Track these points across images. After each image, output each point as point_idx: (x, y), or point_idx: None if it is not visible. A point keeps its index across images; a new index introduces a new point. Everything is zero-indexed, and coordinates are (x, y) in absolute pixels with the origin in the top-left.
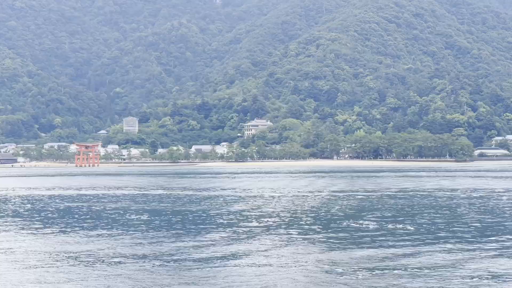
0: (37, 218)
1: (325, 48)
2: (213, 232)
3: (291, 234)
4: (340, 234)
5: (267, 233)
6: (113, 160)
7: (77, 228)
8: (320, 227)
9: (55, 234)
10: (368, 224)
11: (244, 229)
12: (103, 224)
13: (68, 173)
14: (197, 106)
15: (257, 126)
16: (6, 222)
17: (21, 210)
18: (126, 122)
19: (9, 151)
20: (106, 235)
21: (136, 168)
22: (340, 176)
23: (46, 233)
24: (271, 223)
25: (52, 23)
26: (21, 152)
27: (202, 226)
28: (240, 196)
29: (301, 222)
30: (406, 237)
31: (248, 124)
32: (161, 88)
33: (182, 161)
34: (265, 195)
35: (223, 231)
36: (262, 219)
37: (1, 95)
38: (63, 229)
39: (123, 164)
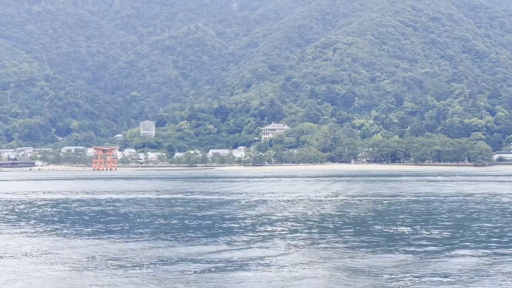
0: (65, 222)
1: (342, 52)
2: (231, 236)
3: (310, 238)
4: (359, 238)
5: (285, 237)
6: (130, 164)
7: (101, 232)
8: (339, 231)
9: (85, 238)
10: (395, 229)
11: (263, 233)
12: (119, 227)
13: (86, 177)
14: (214, 110)
15: (274, 130)
16: (34, 226)
17: (48, 214)
18: (143, 125)
19: (27, 155)
20: (121, 238)
21: (154, 172)
22: (361, 180)
23: (77, 237)
24: (292, 227)
25: (69, 27)
26: (38, 156)
27: (221, 230)
28: (259, 200)
29: (321, 226)
30: (427, 242)
31: (265, 128)
32: (178, 92)
33: (199, 165)
34: (286, 199)
35: (244, 235)
36: (282, 223)
37: (19, 99)
38: (91, 233)
39: (140, 168)
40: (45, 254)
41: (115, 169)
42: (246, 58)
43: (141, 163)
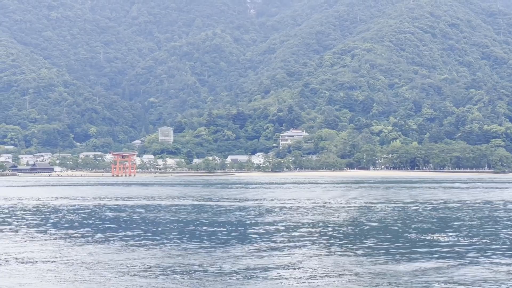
0: (93, 228)
1: (360, 58)
2: (249, 243)
3: (330, 244)
4: (377, 246)
5: (303, 244)
6: (149, 170)
7: (122, 237)
8: (355, 238)
9: (114, 243)
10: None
11: (281, 240)
12: (147, 233)
13: (107, 182)
14: (232, 116)
15: (292, 136)
16: (66, 233)
17: (76, 220)
18: (161, 131)
19: (45, 160)
20: (140, 245)
21: (173, 178)
22: (381, 187)
23: (108, 243)
24: (311, 234)
25: (87, 33)
26: (57, 161)
27: (242, 236)
28: (278, 207)
29: (342, 233)
30: (446, 249)
31: (284, 134)
32: (195, 98)
33: (218, 171)
34: (306, 205)
35: (261, 242)
36: (300, 230)
37: (37, 105)
38: (120, 238)
39: (159, 174)
40: (89, 261)
41: (134, 175)
42: (264, 64)
43: (159, 169)
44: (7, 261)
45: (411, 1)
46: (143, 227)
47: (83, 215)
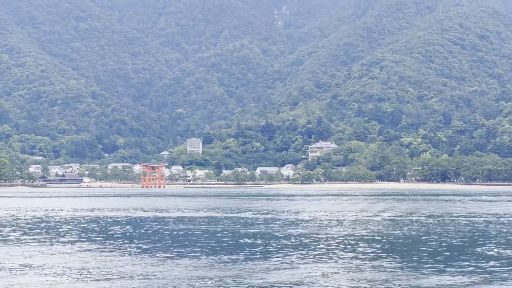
0: (147, 242)
1: (389, 70)
2: (277, 256)
3: (358, 258)
4: (402, 259)
5: (329, 258)
6: (178, 181)
7: (161, 249)
8: (380, 251)
9: (158, 256)
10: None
11: (309, 253)
12: (164, 245)
13: (138, 194)
14: (261, 127)
15: (321, 148)
16: (113, 245)
17: (120, 232)
18: (190, 143)
19: (74, 171)
20: (164, 256)
21: (203, 189)
22: (414, 199)
23: (157, 256)
24: (340, 246)
25: (115, 44)
26: (86, 172)
27: (274, 249)
28: (311, 219)
29: (370, 246)
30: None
31: (313, 146)
32: (223, 109)
33: (247, 183)
34: (337, 218)
35: (289, 255)
36: (328, 242)
37: (66, 115)
38: (164, 251)
39: (188, 185)
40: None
41: (164, 186)
42: (292, 76)
43: (188, 181)
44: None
45: (440, 13)
46: (185, 240)
47: (129, 226)
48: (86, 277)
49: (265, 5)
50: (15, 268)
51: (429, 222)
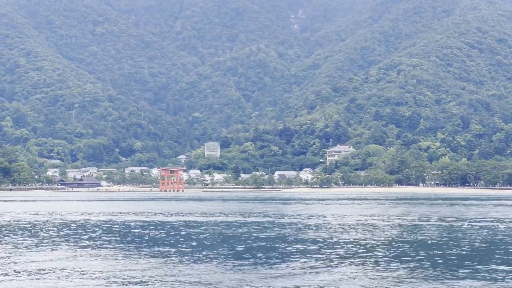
0: (180, 246)
1: (407, 74)
2: (293, 260)
3: (368, 264)
4: (422, 264)
5: (343, 263)
6: (196, 185)
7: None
8: (395, 258)
9: (184, 260)
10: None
11: (323, 258)
12: (188, 249)
13: (161, 198)
14: (279, 131)
15: (339, 152)
16: (152, 252)
17: (156, 237)
18: (207, 147)
19: (92, 175)
20: (180, 260)
21: (222, 193)
22: (435, 204)
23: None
24: (357, 251)
25: (131, 48)
26: (104, 176)
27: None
28: (331, 223)
29: (381, 251)
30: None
31: (331, 150)
32: (240, 113)
33: (266, 186)
34: (356, 222)
35: (304, 260)
36: (347, 247)
37: (83, 119)
38: (191, 256)
39: (207, 189)
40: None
41: (182, 190)
42: (309, 80)
43: (206, 185)
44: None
45: (457, 17)
46: (211, 244)
47: (162, 231)
48: (131, 283)
49: (281, 9)
50: (61, 272)
51: (452, 226)
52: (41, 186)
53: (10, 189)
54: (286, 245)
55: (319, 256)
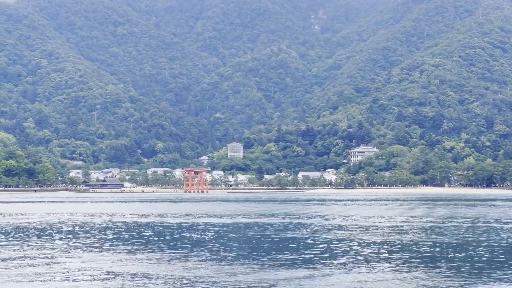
0: (226, 248)
1: (429, 74)
2: (314, 262)
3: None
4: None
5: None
6: (220, 186)
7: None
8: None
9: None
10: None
11: (345, 259)
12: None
13: (188, 199)
14: (302, 132)
15: (363, 152)
16: (196, 254)
17: (202, 238)
18: (230, 147)
19: (115, 176)
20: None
21: (248, 194)
22: (473, 205)
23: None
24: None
25: (152, 49)
26: (127, 177)
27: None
28: (378, 225)
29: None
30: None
31: (354, 150)
32: (261, 114)
33: (290, 187)
34: (380, 224)
35: (325, 261)
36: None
37: (105, 120)
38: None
39: (231, 190)
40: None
41: (207, 191)
42: (330, 80)
43: (230, 185)
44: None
45: (480, 16)
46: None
47: (209, 233)
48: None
49: (302, 9)
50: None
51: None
52: (65, 187)
53: (35, 190)
54: (339, 245)
55: (344, 257)
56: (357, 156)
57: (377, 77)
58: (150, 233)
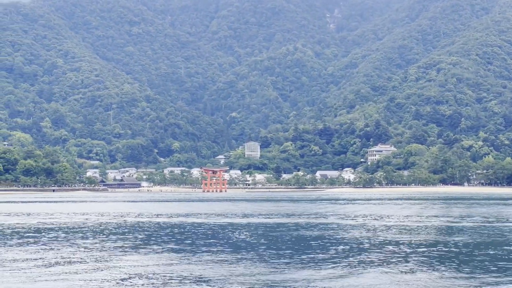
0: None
1: (446, 73)
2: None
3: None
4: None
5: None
6: (237, 185)
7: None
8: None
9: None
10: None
11: (360, 261)
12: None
13: (210, 198)
14: (319, 131)
15: (381, 151)
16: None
17: (237, 239)
18: (247, 147)
19: (132, 175)
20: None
21: (266, 193)
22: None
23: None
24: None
25: (167, 48)
26: (144, 177)
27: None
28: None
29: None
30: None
31: (372, 149)
32: (278, 113)
33: (308, 186)
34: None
35: (341, 262)
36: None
37: (121, 120)
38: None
39: (249, 189)
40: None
41: (225, 191)
42: (346, 79)
43: (248, 185)
44: None
45: (497, 14)
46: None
47: (246, 232)
48: None
49: (317, 8)
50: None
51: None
52: (83, 187)
53: (53, 190)
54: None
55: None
56: (375, 155)
57: (393, 76)
58: (196, 233)
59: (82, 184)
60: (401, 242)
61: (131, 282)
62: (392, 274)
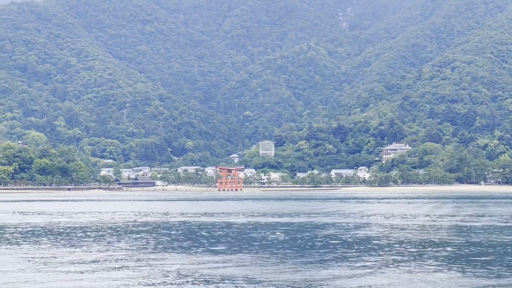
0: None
1: (461, 71)
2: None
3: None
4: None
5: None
6: (252, 184)
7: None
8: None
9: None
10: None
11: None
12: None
13: (228, 197)
14: (333, 129)
15: (395, 150)
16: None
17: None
18: (262, 145)
19: (146, 174)
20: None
21: (282, 192)
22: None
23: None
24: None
25: (180, 46)
26: (158, 176)
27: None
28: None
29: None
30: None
31: (387, 148)
32: (291, 111)
33: (323, 185)
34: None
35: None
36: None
37: (134, 118)
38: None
39: (264, 188)
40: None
41: (241, 189)
42: (359, 78)
43: (263, 184)
44: None
45: (511, 12)
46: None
47: (280, 232)
48: None
49: (329, 6)
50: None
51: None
52: (98, 186)
53: (69, 189)
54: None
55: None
56: (389, 154)
57: (407, 74)
58: (220, 232)
59: (97, 183)
60: (422, 240)
61: (172, 281)
62: (412, 274)
